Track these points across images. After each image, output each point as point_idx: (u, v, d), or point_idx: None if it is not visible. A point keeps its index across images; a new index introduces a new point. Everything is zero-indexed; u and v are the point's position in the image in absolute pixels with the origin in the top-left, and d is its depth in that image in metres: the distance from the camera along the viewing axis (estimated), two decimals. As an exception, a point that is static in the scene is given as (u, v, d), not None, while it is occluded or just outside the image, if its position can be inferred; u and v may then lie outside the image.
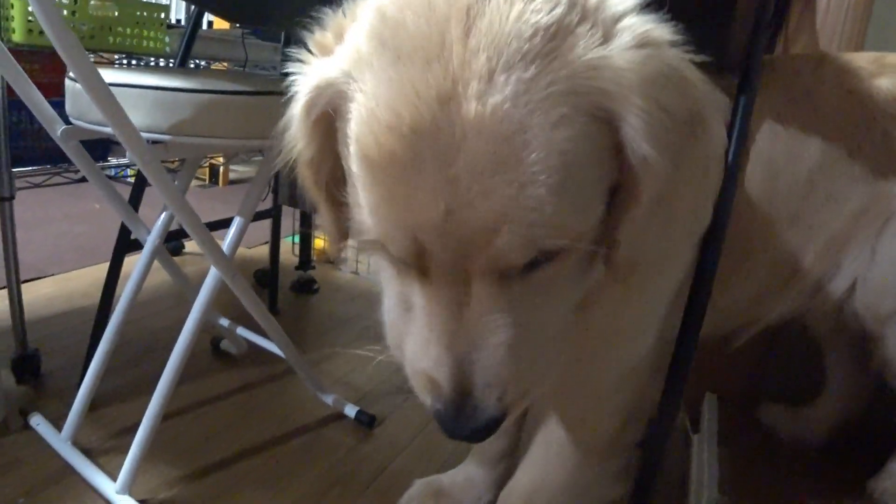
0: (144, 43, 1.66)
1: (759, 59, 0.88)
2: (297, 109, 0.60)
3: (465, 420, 0.56)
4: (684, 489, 1.25)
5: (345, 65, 0.55)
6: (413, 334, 0.59)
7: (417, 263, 0.55)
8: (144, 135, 0.88)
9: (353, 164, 0.54)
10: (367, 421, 1.37)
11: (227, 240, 1.05)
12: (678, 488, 1.25)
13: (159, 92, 0.90)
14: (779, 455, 1.35)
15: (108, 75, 0.90)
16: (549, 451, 0.88)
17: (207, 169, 3.31)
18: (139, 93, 0.90)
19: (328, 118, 0.58)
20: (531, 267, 0.54)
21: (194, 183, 3.52)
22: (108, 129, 0.93)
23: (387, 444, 1.33)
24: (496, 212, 0.49)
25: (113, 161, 2.13)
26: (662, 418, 0.90)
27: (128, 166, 2.37)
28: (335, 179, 0.62)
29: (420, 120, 0.48)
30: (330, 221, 0.68)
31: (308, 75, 0.58)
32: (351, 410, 1.39)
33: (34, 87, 0.99)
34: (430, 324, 0.56)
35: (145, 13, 1.66)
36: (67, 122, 1.04)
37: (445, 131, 0.48)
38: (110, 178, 1.29)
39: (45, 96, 1.00)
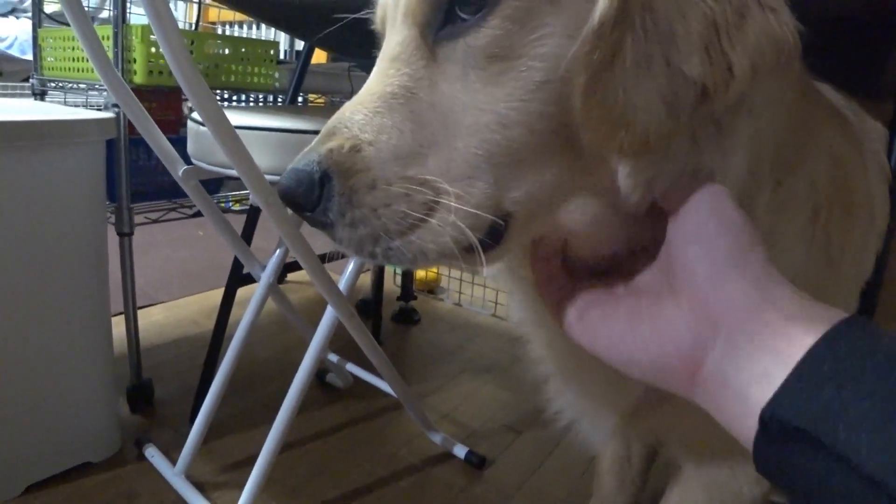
0: (254, 79, 1.69)
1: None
2: None
3: (295, 160, 0.46)
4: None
5: None
6: None
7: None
8: (268, 177, 0.87)
9: None
10: (476, 462, 1.33)
11: (343, 279, 1.03)
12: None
13: (284, 134, 0.90)
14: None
15: (233, 117, 0.91)
16: None
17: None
18: (264, 135, 0.90)
19: None
20: (451, 27, 0.44)
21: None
22: (231, 171, 0.93)
23: (497, 487, 1.28)
24: None
25: (223, 193, 2.20)
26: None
27: (239, 200, 2.44)
28: None
29: None
30: None
31: None
32: (460, 451, 1.35)
33: (156, 127, 1.00)
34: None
35: (256, 49, 1.69)
36: (185, 159, 1.05)
37: None
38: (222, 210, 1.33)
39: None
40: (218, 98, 2.21)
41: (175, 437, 1.31)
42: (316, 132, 0.91)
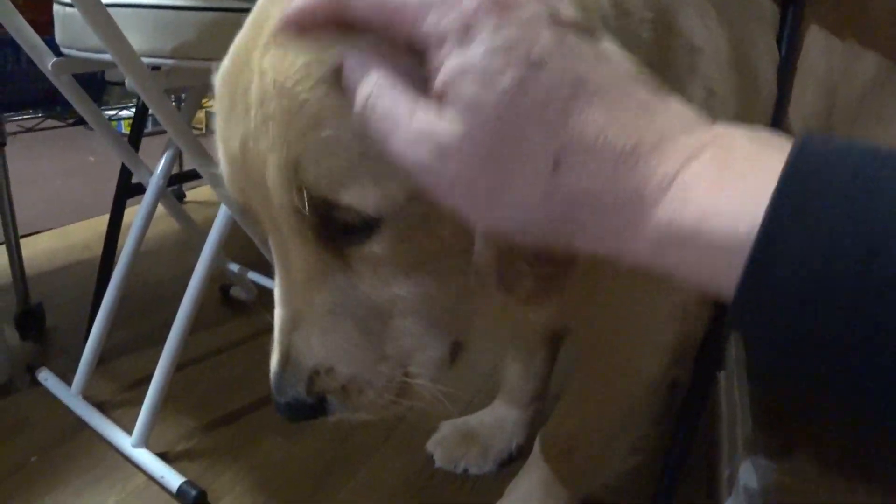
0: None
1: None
2: None
3: (279, 393, 0.52)
4: (710, 429, 1.21)
5: None
6: None
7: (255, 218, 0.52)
8: (145, 60, 0.80)
9: None
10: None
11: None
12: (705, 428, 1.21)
13: (160, 11, 0.82)
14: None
15: (101, -5, 0.82)
16: (589, 398, 0.84)
17: (204, 116, 3.22)
18: (138, 13, 0.82)
19: None
20: (343, 238, 0.47)
21: (190, 134, 3.42)
22: (104, 57, 0.85)
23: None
24: (269, 142, 0.44)
25: (106, 112, 2.04)
26: (705, 365, 0.86)
27: (124, 107, 2.26)
28: None
29: (233, 62, 0.48)
30: None
31: None
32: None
33: (18, 13, 0.91)
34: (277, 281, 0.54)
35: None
36: (58, 55, 0.96)
37: (247, 72, 0.45)
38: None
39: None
40: None
41: (70, 363, 1.24)
42: (191, 8, 0.85)
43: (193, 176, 1.54)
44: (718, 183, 0.31)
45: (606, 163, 0.33)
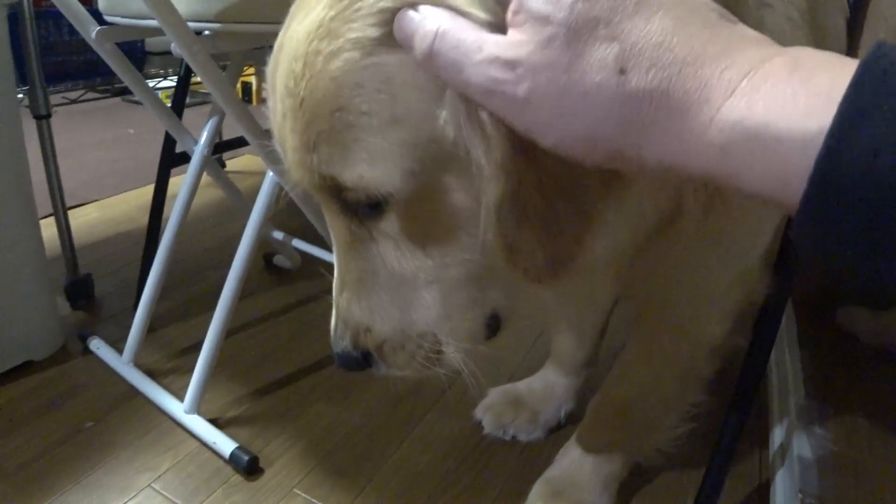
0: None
1: None
2: None
3: (334, 344, 0.59)
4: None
5: None
6: None
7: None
8: (190, 25, 0.79)
9: None
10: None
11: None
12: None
13: (203, -28, 0.81)
14: (861, 358, 1.28)
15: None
16: (647, 362, 0.82)
17: (240, 87, 3.23)
18: (181, -25, 0.81)
19: None
20: (362, 213, 0.52)
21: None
22: (147, 23, 0.84)
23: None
24: (286, 129, 0.49)
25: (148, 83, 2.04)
26: (764, 333, 0.84)
27: (162, 79, 2.26)
28: None
29: (275, 47, 0.51)
30: None
31: None
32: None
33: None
34: None
35: None
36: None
37: (274, 63, 0.50)
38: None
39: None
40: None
41: (120, 331, 1.26)
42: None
43: (234, 145, 1.53)
44: (788, 82, 0.32)
45: (671, 66, 0.34)
